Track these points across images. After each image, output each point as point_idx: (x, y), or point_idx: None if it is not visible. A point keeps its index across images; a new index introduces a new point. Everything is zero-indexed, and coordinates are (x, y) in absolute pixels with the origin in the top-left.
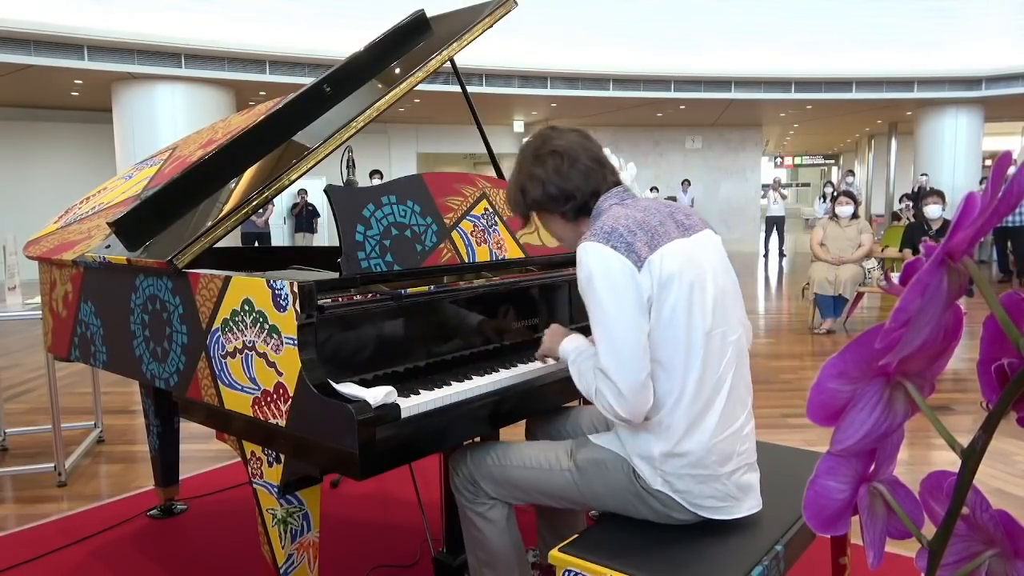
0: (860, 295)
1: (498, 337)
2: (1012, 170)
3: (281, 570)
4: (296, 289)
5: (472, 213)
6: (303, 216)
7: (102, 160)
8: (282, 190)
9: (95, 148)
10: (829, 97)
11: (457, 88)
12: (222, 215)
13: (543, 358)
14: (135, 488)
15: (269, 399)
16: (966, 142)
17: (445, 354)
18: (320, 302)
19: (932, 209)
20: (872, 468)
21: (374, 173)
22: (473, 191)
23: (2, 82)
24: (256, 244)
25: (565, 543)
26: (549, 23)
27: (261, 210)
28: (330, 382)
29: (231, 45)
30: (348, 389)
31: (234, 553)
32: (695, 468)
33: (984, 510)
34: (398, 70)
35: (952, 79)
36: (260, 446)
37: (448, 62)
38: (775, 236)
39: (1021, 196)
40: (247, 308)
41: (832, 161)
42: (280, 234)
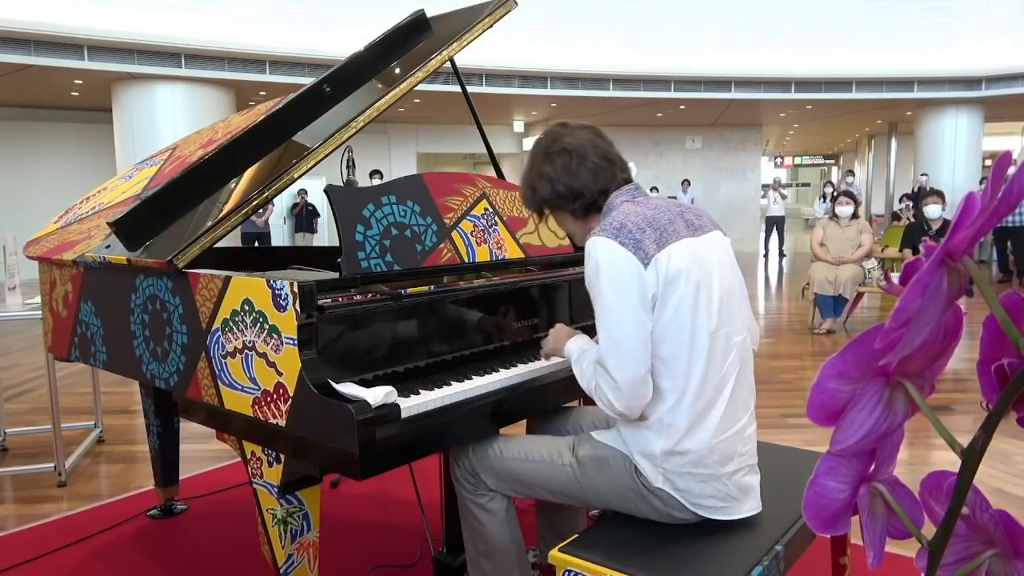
0: (860, 295)
1: (498, 337)
2: (1012, 170)
3: (281, 570)
4: (296, 289)
5: (472, 213)
6: (303, 216)
7: (102, 160)
8: (282, 190)
9: (95, 148)
10: (829, 97)
11: (457, 88)
12: (222, 215)
13: (548, 356)
14: (135, 488)
15: (269, 399)
16: (966, 142)
17: (445, 354)
18: (320, 302)
19: (932, 209)
20: (872, 468)
21: (374, 173)
22: (473, 191)
23: (2, 82)
24: (256, 244)
25: (565, 543)
26: (549, 23)
27: (261, 210)
28: (330, 382)
29: (231, 45)
30: (348, 389)
31: (234, 553)
32: (696, 467)
33: (984, 510)
34: (398, 70)
35: (952, 79)
36: (260, 446)
37: (448, 62)
38: (775, 236)
39: (1021, 196)
40: (247, 308)
41: (832, 161)
42: (280, 234)
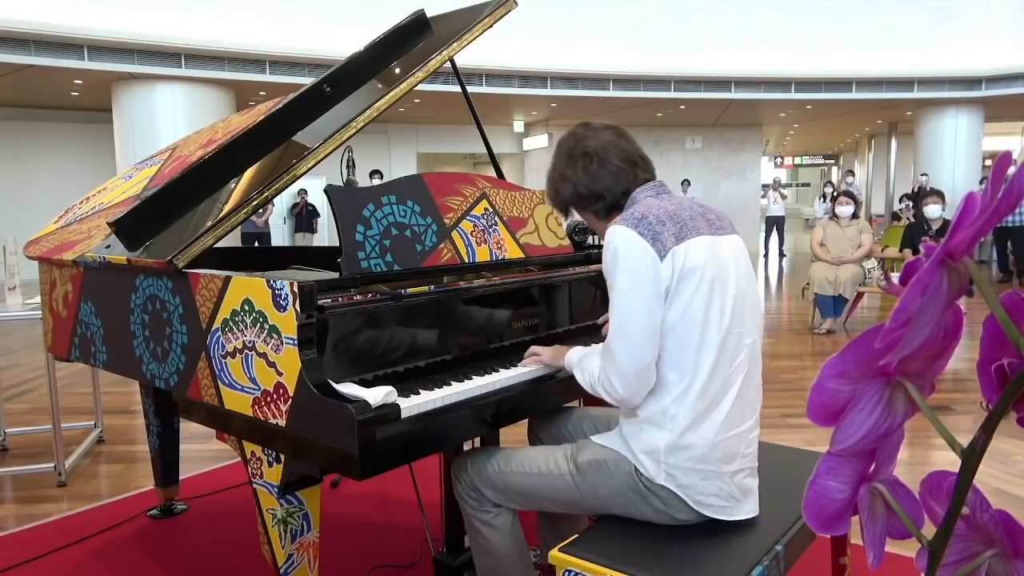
0: (860, 295)
1: (498, 337)
2: (1012, 170)
3: (281, 570)
4: (296, 289)
5: (472, 213)
6: (303, 216)
7: (102, 160)
8: (282, 190)
9: (95, 148)
10: (829, 97)
11: (457, 88)
12: (222, 215)
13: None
14: (135, 488)
15: (269, 399)
16: (966, 142)
17: (445, 354)
18: (320, 302)
19: (932, 209)
20: (872, 468)
21: (374, 173)
22: (473, 191)
23: (2, 82)
24: (256, 244)
25: (565, 543)
26: (549, 23)
27: (261, 210)
28: (330, 382)
29: (231, 45)
30: (348, 389)
31: (234, 553)
32: (699, 463)
33: (984, 510)
34: (398, 70)
35: (952, 79)
36: (260, 446)
37: (448, 62)
38: (775, 236)
39: (1021, 196)
40: (247, 308)
41: (832, 161)
42: (280, 234)
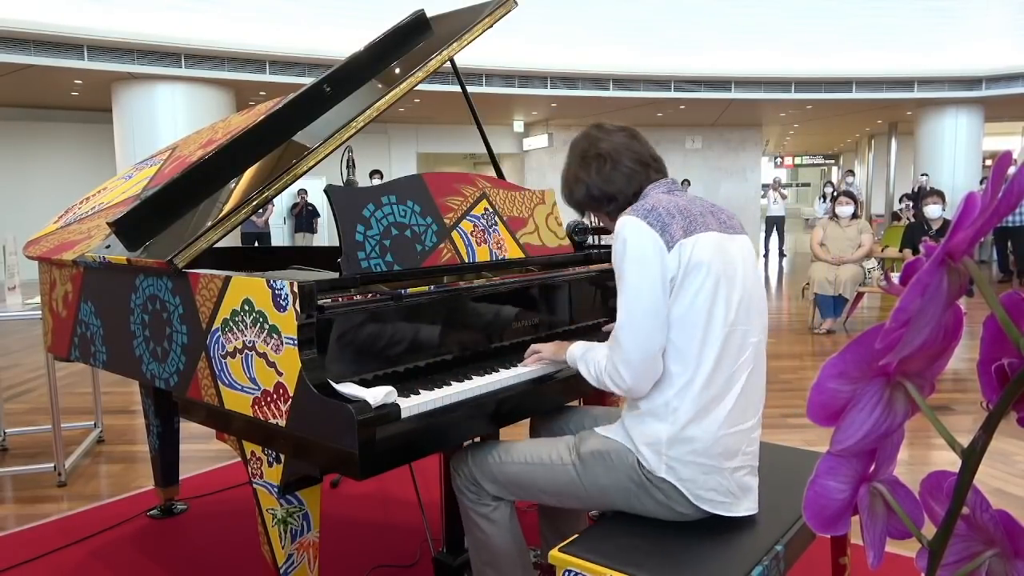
0: (860, 295)
1: (498, 337)
2: (1012, 170)
3: (281, 570)
4: (296, 289)
5: (472, 213)
6: (303, 216)
7: (102, 160)
8: (282, 190)
9: (95, 148)
10: (829, 97)
11: (457, 88)
12: (222, 215)
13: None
14: (135, 488)
15: (269, 399)
16: (966, 142)
17: (445, 354)
18: (320, 302)
19: (932, 209)
20: (872, 468)
21: (374, 173)
22: (473, 191)
23: (2, 82)
24: (256, 244)
25: (565, 543)
26: (549, 23)
27: (261, 210)
28: (330, 382)
29: (231, 45)
30: (348, 389)
31: (234, 553)
32: (700, 457)
33: (984, 510)
34: (398, 70)
35: (952, 79)
36: (260, 446)
37: (448, 62)
38: (775, 236)
39: (1021, 196)
40: (247, 308)
41: (832, 161)
42: (280, 234)
